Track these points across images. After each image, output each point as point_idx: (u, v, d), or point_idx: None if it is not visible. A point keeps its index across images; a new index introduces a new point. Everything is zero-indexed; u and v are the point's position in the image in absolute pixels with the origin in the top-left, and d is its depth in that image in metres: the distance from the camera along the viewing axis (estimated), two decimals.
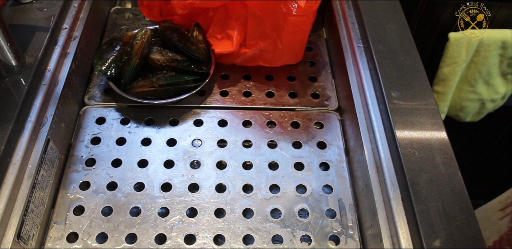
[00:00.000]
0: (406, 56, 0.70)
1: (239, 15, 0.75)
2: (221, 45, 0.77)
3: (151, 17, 0.81)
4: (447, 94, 1.18)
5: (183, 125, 0.75)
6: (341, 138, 0.74)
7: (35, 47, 0.68)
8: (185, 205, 0.65)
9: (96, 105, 0.77)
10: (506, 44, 1.08)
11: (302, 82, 0.82)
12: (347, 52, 0.77)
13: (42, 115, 0.64)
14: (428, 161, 0.58)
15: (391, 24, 0.75)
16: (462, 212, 0.53)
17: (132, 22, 0.91)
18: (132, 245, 0.61)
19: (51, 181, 0.64)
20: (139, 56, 0.72)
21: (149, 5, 0.79)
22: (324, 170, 0.71)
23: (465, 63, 1.12)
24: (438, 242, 0.51)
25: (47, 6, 0.74)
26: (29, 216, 0.57)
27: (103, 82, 0.80)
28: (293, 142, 0.73)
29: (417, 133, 0.61)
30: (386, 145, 0.62)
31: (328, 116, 0.77)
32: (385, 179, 0.59)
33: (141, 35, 0.73)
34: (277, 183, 0.68)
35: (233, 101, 0.78)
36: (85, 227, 0.62)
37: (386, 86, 0.66)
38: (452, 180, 0.56)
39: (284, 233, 0.63)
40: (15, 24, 0.70)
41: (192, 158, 0.71)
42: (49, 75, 0.68)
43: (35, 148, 0.61)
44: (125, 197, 0.66)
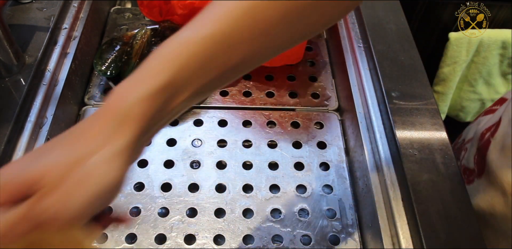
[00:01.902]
0: (406, 56, 0.70)
1: None
2: None
3: (151, 17, 0.81)
4: (447, 94, 1.18)
5: (183, 125, 0.75)
6: (341, 138, 0.74)
7: (35, 47, 0.68)
8: (185, 205, 0.65)
9: (96, 105, 0.77)
10: (506, 44, 1.08)
11: (302, 82, 0.82)
12: (347, 52, 0.77)
13: (42, 115, 0.64)
14: (428, 161, 0.58)
15: (391, 24, 0.75)
16: (462, 212, 0.53)
17: (132, 22, 0.91)
18: (132, 245, 0.61)
19: None
20: (139, 56, 0.72)
21: (149, 5, 0.79)
22: (324, 170, 0.71)
23: (465, 63, 1.12)
24: (438, 242, 0.51)
25: (47, 6, 0.74)
26: None
27: (103, 82, 0.80)
28: (293, 142, 0.73)
29: (417, 133, 0.61)
30: (386, 145, 0.62)
31: (328, 116, 0.77)
32: (385, 179, 0.59)
33: (141, 35, 0.73)
34: (277, 183, 0.68)
35: (233, 101, 0.78)
36: None
37: (386, 86, 0.66)
38: (452, 180, 0.56)
39: (284, 233, 0.63)
40: (15, 24, 0.70)
41: (192, 158, 0.71)
42: (49, 75, 0.68)
43: (35, 148, 0.61)
44: (125, 197, 0.66)
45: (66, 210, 0.29)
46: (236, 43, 0.34)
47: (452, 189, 0.55)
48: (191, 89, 0.33)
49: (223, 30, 0.33)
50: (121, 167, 0.31)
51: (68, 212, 0.29)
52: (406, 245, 0.53)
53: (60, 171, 0.29)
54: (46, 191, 0.29)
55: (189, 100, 0.34)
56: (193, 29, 0.34)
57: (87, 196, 0.29)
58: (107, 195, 0.31)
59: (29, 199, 0.29)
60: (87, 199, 0.29)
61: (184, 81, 0.32)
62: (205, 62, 0.33)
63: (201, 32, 0.33)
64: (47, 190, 0.29)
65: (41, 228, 0.29)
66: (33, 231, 0.29)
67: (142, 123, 0.31)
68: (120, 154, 0.30)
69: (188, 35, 0.34)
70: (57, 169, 0.29)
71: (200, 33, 0.33)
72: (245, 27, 0.34)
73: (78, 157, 0.30)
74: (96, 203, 0.30)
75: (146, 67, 0.33)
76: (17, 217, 0.28)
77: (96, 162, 0.30)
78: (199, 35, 0.33)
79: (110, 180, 0.30)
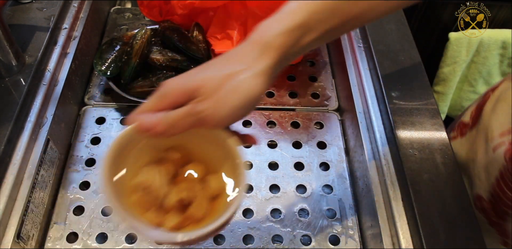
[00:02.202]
0: (406, 56, 0.70)
1: (239, 15, 0.75)
2: (221, 45, 0.77)
3: (151, 17, 0.81)
4: (447, 94, 1.18)
5: None
6: (341, 138, 0.74)
7: (35, 47, 0.68)
8: None
9: (96, 105, 0.77)
10: (506, 44, 1.08)
11: (302, 82, 0.82)
12: (347, 52, 0.77)
13: (42, 115, 0.64)
14: (428, 161, 0.57)
15: (391, 24, 0.75)
16: (462, 212, 0.53)
17: (132, 22, 0.91)
18: (132, 245, 0.61)
19: (51, 181, 0.64)
20: (139, 56, 0.72)
21: (149, 5, 0.79)
22: (324, 170, 0.71)
23: (465, 63, 1.12)
24: (438, 242, 0.51)
25: (47, 6, 0.74)
26: (29, 216, 0.57)
27: (103, 82, 0.80)
28: (293, 142, 0.73)
29: (417, 133, 0.61)
30: (386, 145, 0.62)
31: (328, 116, 0.77)
32: (385, 179, 0.59)
33: (141, 35, 0.73)
34: (277, 183, 0.68)
35: None
36: (85, 227, 0.62)
37: (386, 86, 0.66)
38: (452, 180, 0.56)
39: (284, 233, 0.63)
40: (15, 24, 0.70)
41: None
42: (49, 75, 0.68)
43: (35, 148, 0.61)
44: None
45: (219, 112, 0.37)
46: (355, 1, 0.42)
47: (452, 189, 0.55)
48: (319, 31, 0.41)
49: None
50: (263, 83, 0.39)
51: (220, 113, 0.38)
52: (406, 245, 0.53)
53: (215, 83, 0.38)
54: (204, 97, 0.37)
55: (316, 41, 0.41)
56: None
57: (236, 102, 0.38)
58: (250, 104, 0.39)
59: (190, 102, 0.38)
60: (235, 104, 0.38)
61: (314, 23, 0.40)
62: (332, 9, 0.41)
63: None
64: (205, 96, 0.37)
65: (198, 124, 0.38)
66: (193, 125, 0.38)
67: (280, 53, 0.39)
68: (262, 74, 0.38)
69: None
70: (213, 81, 0.38)
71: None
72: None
73: (230, 72, 0.38)
74: (241, 109, 0.38)
75: (286, 8, 0.41)
76: (182, 113, 0.38)
77: (245, 77, 0.38)
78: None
79: (254, 91, 0.38)
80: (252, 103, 0.39)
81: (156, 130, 0.38)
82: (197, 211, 0.40)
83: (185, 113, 0.38)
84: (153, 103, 0.39)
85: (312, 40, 0.41)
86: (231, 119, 0.39)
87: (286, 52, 0.39)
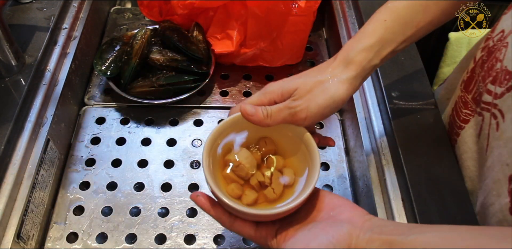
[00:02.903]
0: (406, 56, 0.70)
1: (239, 15, 0.75)
2: (221, 45, 0.76)
3: (151, 17, 0.81)
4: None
5: (183, 125, 0.75)
6: (341, 138, 0.74)
7: (35, 47, 0.68)
8: (185, 205, 0.65)
9: (96, 105, 0.77)
10: None
11: None
12: None
13: (42, 115, 0.64)
14: (428, 161, 0.58)
15: None
16: (462, 212, 0.53)
17: (132, 22, 0.91)
18: (132, 245, 0.61)
19: (51, 181, 0.64)
20: (139, 56, 0.72)
21: (149, 5, 0.79)
22: (324, 170, 0.71)
23: None
24: None
25: (47, 6, 0.74)
26: (29, 216, 0.57)
27: (103, 82, 0.80)
28: None
29: (417, 133, 0.61)
30: (386, 144, 0.62)
31: None
32: (385, 179, 0.59)
33: (141, 35, 0.73)
34: None
35: (233, 101, 0.78)
36: (85, 227, 0.62)
37: (386, 86, 0.66)
38: (452, 180, 0.56)
39: None
40: (15, 24, 0.70)
41: (192, 158, 0.71)
42: (49, 75, 0.68)
43: (35, 148, 0.61)
44: (125, 197, 0.66)
45: (309, 108, 0.46)
46: (424, 9, 0.49)
47: (452, 189, 0.55)
48: (395, 43, 0.49)
49: (420, 2, 0.49)
50: (346, 89, 0.47)
51: (310, 109, 0.46)
52: None
53: (308, 86, 0.47)
54: (298, 97, 0.47)
55: (393, 51, 0.50)
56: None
57: (323, 102, 0.46)
58: (334, 104, 0.47)
59: (286, 100, 0.47)
60: (322, 103, 0.46)
61: (391, 37, 0.49)
62: (405, 22, 0.49)
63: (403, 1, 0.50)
64: (299, 96, 0.47)
65: (290, 117, 0.47)
66: (285, 119, 0.47)
67: (360, 66, 0.48)
68: (346, 82, 0.47)
69: (391, 2, 0.51)
70: (307, 85, 0.47)
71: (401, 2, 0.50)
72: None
73: (320, 79, 0.47)
74: (326, 108, 0.47)
75: (365, 29, 0.50)
76: (280, 107, 0.47)
77: (331, 83, 0.47)
78: (401, 2, 0.50)
79: (338, 94, 0.47)
80: (336, 104, 0.47)
81: (256, 117, 0.46)
82: (271, 194, 0.48)
83: (282, 107, 0.47)
84: (256, 98, 0.49)
85: (389, 52, 0.49)
86: (319, 116, 0.47)
87: (367, 65, 0.48)
